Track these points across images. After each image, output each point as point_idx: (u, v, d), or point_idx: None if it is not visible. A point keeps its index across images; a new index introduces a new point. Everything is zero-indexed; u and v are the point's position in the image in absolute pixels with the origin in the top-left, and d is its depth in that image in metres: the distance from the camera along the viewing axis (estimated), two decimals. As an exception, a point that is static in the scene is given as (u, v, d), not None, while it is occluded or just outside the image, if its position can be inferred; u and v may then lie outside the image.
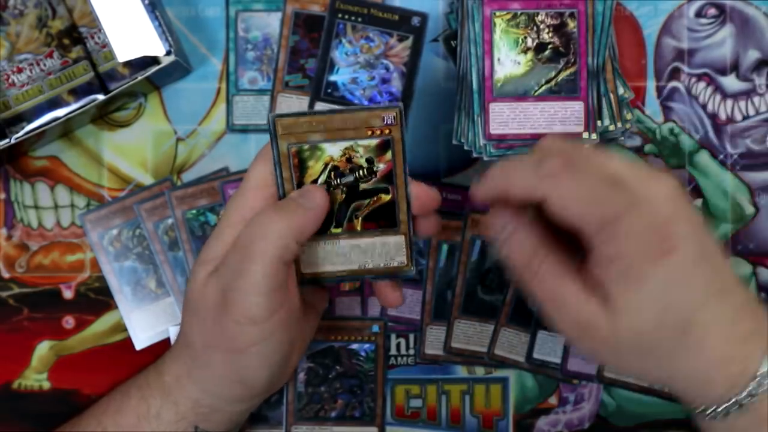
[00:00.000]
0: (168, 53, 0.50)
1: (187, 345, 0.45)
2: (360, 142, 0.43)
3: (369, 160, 0.43)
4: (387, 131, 0.42)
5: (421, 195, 0.44)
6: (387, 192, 0.44)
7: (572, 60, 0.50)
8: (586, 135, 0.50)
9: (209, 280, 0.43)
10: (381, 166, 0.44)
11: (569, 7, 0.50)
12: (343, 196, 0.44)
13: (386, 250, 0.44)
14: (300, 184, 0.43)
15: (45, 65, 0.51)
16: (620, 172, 0.38)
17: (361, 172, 0.43)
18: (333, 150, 0.43)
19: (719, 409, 0.39)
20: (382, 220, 0.44)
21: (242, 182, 0.44)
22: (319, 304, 0.50)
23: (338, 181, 0.44)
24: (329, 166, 0.43)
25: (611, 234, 0.37)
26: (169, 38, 0.50)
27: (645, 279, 0.38)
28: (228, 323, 0.42)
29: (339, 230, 0.44)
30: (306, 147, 0.43)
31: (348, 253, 0.45)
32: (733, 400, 0.39)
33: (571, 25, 0.50)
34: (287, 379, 0.51)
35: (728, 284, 0.40)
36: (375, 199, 0.44)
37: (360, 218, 0.44)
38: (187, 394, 0.45)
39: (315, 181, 0.43)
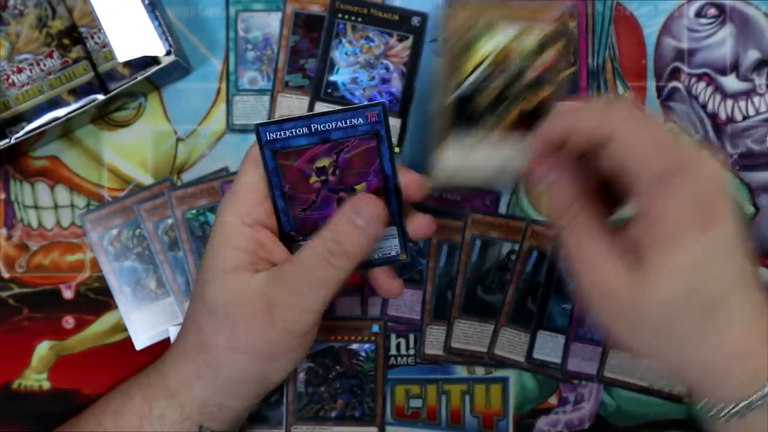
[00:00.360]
0: (168, 53, 0.50)
1: (201, 346, 0.44)
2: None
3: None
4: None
5: (410, 182, 0.44)
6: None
7: (572, 60, 0.50)
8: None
9: (251, 288, 0.43)
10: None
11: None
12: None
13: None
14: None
15: (45, 65, 0.51)
16: (679, 136, 0.39)
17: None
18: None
19: (734, 409, 0.37)
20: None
21: (234, 184, 0.44)
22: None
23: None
24: None
25: (664, 190, 0.37)
26: (169, 38, 0.50)
27: (686, 246, 0.36)
28: (271, 332, 0.42)
29: None
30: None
31: None
32: (751, 398, 0.37)
33: (572, 24, 0.50)
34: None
35: (754, 279, 0.39)
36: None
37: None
38: (195, 395, 0.44)
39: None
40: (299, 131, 0.42)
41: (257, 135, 0.42)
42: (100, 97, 0.51)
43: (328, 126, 0.42)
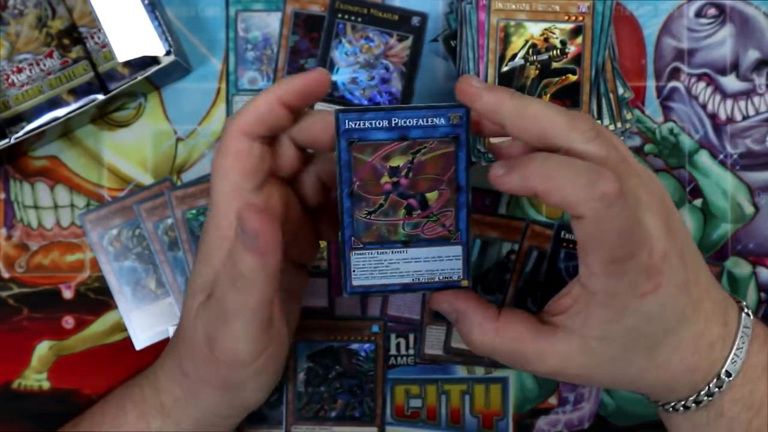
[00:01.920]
0: (168, 53, 0.50)
1: (182, 373, 0.43)
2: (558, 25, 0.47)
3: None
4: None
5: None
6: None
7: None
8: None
9: (197, 317, 0.41)
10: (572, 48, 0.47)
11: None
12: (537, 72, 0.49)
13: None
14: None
15: (45, 65, 0.51)
16: (637, 196, 0.38)
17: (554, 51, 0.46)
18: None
19: (678, 406, 0.42)
20: (568, 100, 0.49)
21: (211, 195, 0.41)
22: (300, 288, 0.47)
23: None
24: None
25: (614, 271, 0.38)
26: (169, 38, 0.50)
27: (626, 314, 0.38)
28: (218, 365, 0.41)
29: None
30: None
31: None
32: (692, 398, 0.41)
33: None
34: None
35: (703, 292, 0.41)
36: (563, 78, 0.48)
37: (548, 95, 0.49)
38: (189, 414, 0.44)
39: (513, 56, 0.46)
40: (379, 123, 0.40)
41: (336, 122, 0.39)
42: (100, 97, 0.51)
43: (409, 122, 0.40)
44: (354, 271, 0.42)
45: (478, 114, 0.40)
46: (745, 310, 0.43)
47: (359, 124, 0.40)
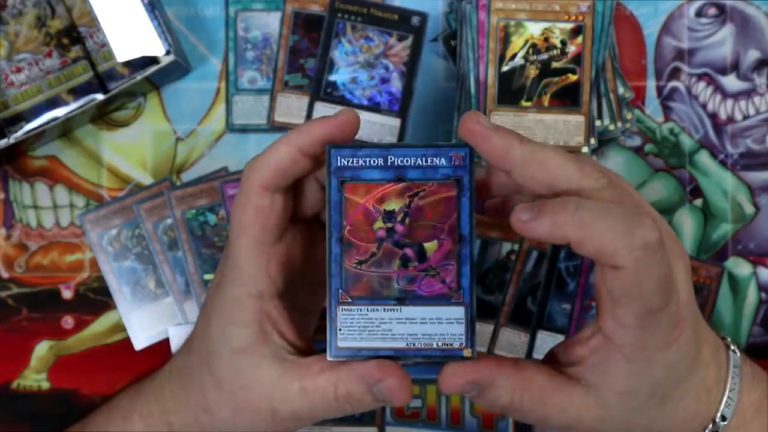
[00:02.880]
0: (167, 53, 0.50)
1: (204, 408, 0.41)
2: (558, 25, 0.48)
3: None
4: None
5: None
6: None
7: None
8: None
9: (257, 381, 0.39)
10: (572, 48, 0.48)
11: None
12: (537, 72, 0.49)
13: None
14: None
15: (44, 65, 0.51)
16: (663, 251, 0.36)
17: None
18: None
19: None
20: (568, 99, 0.49)
21: (232, 250, 0.39)
22: (318, 306, 0.46)
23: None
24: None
25: (647, 323, 0.35)
26: (169, 38, 0.50)
27: (652, 366, 0.37)
28: (270, 427, 0.39)
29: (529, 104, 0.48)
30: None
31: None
32: None
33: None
34: None
35: (702, 341, 0.40)
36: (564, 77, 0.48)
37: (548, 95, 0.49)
38: None
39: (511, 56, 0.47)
40: (374, 162, 0.36)
41: (328, 159, 0.36)
42: (100, 96, 0.51)
43: (407, 162, 0.36)
44: (340, 329, 0.37)
45: (482, 156, 0.36)
46: (732, 348, 0.42)
47: (352, 162, 0.36)
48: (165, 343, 0.53)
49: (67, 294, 0.54)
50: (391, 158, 0.36)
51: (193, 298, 0.53)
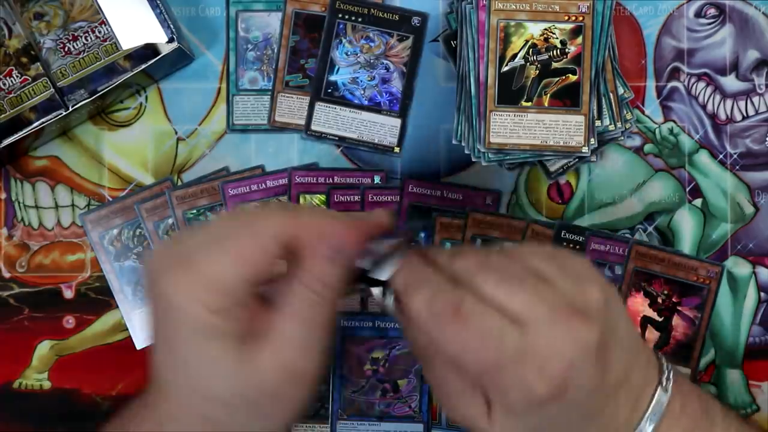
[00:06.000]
0: (170, 40, 0.50)
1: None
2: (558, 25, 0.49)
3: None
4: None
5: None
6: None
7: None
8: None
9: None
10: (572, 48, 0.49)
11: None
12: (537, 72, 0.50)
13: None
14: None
15: (4, 84, 0.51)
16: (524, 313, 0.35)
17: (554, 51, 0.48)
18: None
19: None
20: (568, 99, 0.50)
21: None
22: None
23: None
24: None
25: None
26: (171, 26, 0.50)
27: (527, 417, 0.36)
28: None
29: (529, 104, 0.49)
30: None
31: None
32: None
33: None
34: None
35: (623, 357, 0.38)
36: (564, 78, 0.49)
37: (548, 95, 0.50)
38: None
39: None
40: (366, 324, 0.52)
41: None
42: (63, 112, 0.50)
43: (388, 325, 0.52)
44: None
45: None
46: (663, 384, 0.40)
47: (352, 323, 0.52)
48: (166, 342, 0.53)
49: (68, 294, 0.54)
50: (378, 323, 0.52)
51: (194, 297, 0.53)
